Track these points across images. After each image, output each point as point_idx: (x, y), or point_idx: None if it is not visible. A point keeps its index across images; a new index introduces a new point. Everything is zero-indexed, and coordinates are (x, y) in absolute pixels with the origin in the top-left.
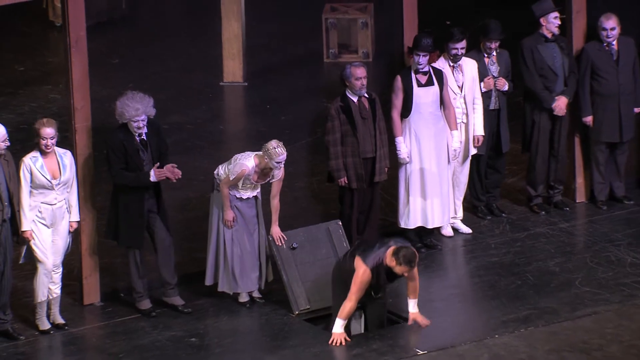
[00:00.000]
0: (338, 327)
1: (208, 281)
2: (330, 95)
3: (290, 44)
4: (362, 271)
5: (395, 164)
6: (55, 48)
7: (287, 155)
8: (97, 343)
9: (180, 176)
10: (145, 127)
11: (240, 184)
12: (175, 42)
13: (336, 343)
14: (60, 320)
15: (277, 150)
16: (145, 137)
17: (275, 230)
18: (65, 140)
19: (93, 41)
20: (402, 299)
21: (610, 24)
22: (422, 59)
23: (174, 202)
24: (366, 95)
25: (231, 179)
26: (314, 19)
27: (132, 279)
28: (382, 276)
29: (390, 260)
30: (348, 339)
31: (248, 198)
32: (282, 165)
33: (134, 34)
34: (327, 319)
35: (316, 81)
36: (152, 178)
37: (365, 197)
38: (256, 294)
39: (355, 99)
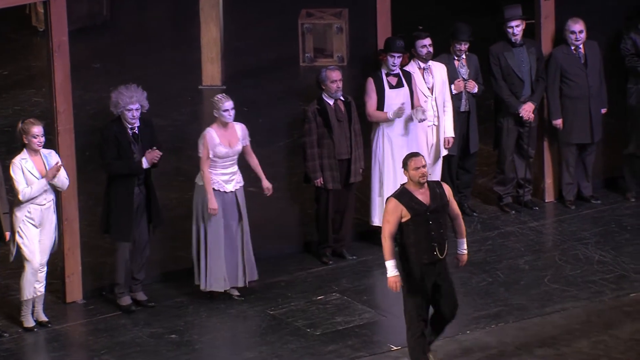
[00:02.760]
0: (390, 271)
1: (201, 285)
2: (306, 98)
3: (267, 48)
4: (386, 202)
5: (370, 165)
6: (38, 53)
7: (263, 155)
8: (80, 340)
9: (159, 156)
10: (138, 121)
11: (219, 161)
12: (156, 47)
13: (392, 287)
14: (43, 317)
15: (221, 98)
16: (137, 131)
17: (266, 183)
18: (48, 142)
19: (75, 46)
20: (378, 296)
21: (578, 27)
22: (397, 60)
23: None
24: (342, 98)
25: (201, 151)
26: (290, 24)
27: (117, 274)
28: (414, 200)
29: (406, 177)
30: (399, 282)
31: (229, 192)
32: (232, 115)
33: (115, 39)
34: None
35: (293, 84)
36: (145, 165)
37: (341, 198)
38: (234, 292)
39: (331, 102)
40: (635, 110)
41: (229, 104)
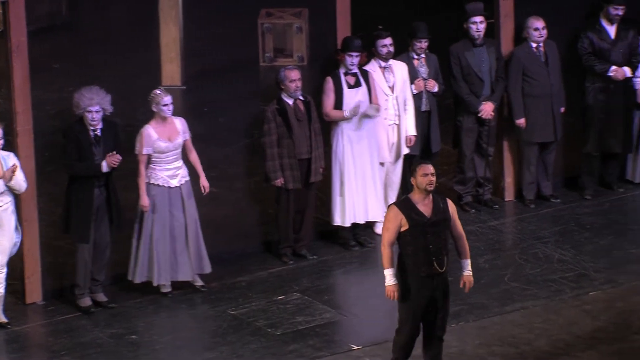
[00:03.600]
0: (387, 279)
1: (136, 279)
2: (266, 98)
3: (226, 48)
4: (387, 209)
5: (330, 164)
6: None
7: (223, 155)
8: (40, 341)
9: (119, 160)
10: (101, 123)
11: (162, 156)
12: (115, 47)
13: (390, 296)
14: (3, 319)
15: (160, 93)
16: (99, 133)
17: (204, 181)
18: (7, 143)
19: (34, 46)
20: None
21: (541, 24)
22: (355, 60)
23: None
24: (301, 97)
25: (138, 148)
26: (250, 23)
27: (77, 275)
28: (415, 210)
29: (412, 185)
30: (397, 291)
31: (175, 187)
32: (171, 110)
33: (74, 39)
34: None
35: (252, 84)
36: (105, 168)
37: (301, 197)
38: (198, 282)
39: (290, 102)
40: (592, 109)
41: (167, 98)
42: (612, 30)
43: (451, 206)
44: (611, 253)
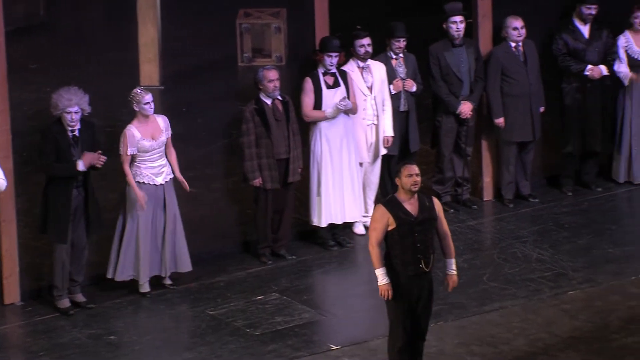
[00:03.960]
0: (380, 278)
1: (117, 276)
2: (244, 98)
3: (205, 48)
4: (374, 209)
5: (308, 164)
6: None
7: (201, 155)
8: (18, 342)
9: (104, 161)
10: (79, 124)
11: (146, 155)
12: (93, 47)
13: (384, 295)
14: None
15: (140, 92)
16: (77, 134)
17: (179, 176)
18: None
19: (11, 47)
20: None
21: (520, 23)
22: (334, 60)
23: None
24: (280, 97)
25: (122, 148)
26: (229, 24)
27: (54, 276)
28: (402, 209)
29: (398, 184)
30: (390, 290)
31: (160, 185)
32: (153, 108)
33: (52, 40)
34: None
35: (231, 85)
36: (80, 167)
37: (280, 197)
38: (167, 281)
39: (269, 102)
40: (571, 109)
41: (148, 97)
42: (585, 30)
43: (437, 205)
44: (589, 252)
